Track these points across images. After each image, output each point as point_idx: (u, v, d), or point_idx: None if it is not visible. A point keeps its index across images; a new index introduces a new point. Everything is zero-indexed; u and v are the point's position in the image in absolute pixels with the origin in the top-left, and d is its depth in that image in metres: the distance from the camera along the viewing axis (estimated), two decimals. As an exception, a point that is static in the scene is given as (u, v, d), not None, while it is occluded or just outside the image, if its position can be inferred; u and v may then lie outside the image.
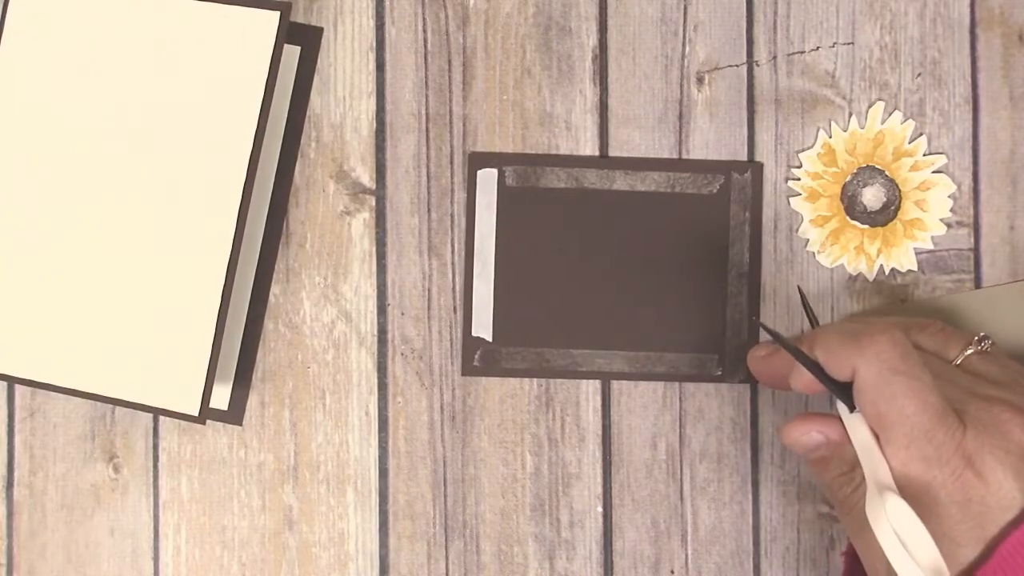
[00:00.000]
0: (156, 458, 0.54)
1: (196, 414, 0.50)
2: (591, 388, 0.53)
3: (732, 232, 0.53)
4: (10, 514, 0.54)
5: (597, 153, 0.54)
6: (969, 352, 0.47)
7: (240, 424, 0.54)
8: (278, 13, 0.50)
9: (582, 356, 0.53)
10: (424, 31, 0.54)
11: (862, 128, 0.53)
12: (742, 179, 0.53)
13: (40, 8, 0.52)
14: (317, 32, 0.54)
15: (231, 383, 0.54)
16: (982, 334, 0.48)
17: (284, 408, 0.54)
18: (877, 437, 0.44)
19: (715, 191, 0.53)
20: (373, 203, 0.54)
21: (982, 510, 0.42)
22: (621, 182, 0.53)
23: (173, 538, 0.54)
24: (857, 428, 0.44)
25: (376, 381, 0.54)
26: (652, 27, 0.54)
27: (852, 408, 0.45)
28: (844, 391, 0.45)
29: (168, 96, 0.51)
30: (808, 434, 0.46)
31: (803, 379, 0.46)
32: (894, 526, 0.42)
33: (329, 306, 0.54)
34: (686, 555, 0.53)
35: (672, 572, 0.53)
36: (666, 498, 0.53)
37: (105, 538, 0.54)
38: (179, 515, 0.54)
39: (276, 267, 0.54)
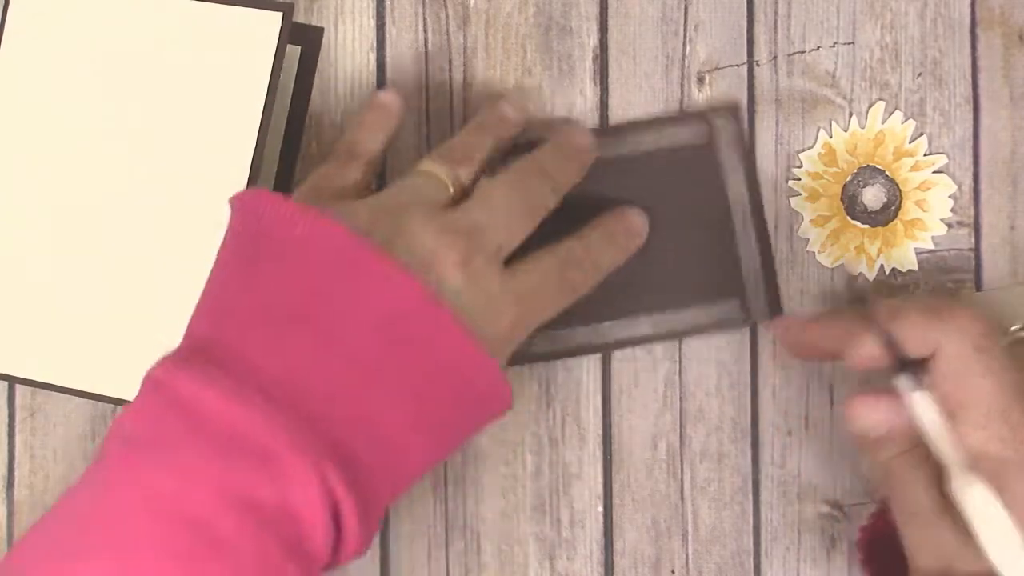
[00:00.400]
0: (156, 458, 0.54)
1: (197, 414, 0.50)
2: (592, 388, 0.53)
3: (728, 176, 0.53)
4: (10, 514, 0.54)
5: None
6: (1008, 339, 0.48)
7: (240, 424, 0.54)
8: (280, 14, 0.50)
9: (606, 328, 0.52)
10: (425, 31, 0.54)
11: (862, 128, 0.53)
12: (724, 123, 0.53)
13: (41, 8, 0.52)
14: (317, 32, 0.54)
15: (231, 383, 0.53)
16: (1020, 325, 0.49)
17: (284, 408, 0.54)
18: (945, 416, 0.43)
19: (703, 141, 0.53)
20: (373, 203, 0.54)
21: None
22: (609, 150, 0.52)
23: (173, 538, 0.54)
24: (927, 407, 0.43)
25: (376, 381, 0.54)
26: (652, 27, 0.54)
27: (916, 387, 0.43)
28: (911, 368, 0.44)
29: (169, 97, 0.51)
30: (876, 409, 0.45)
31: (864, 352, 0.45)
32: (980, 509, 0.41)
33: (329, 306, 0.54)
34: (686, 555, 0.53)
35: (672, 572, 0.53)
36: (666, 498, 0.53)
37: (105, 538, 0.54)
38: (179, 515, 0.54)
39: (276, 267, 0.54)
